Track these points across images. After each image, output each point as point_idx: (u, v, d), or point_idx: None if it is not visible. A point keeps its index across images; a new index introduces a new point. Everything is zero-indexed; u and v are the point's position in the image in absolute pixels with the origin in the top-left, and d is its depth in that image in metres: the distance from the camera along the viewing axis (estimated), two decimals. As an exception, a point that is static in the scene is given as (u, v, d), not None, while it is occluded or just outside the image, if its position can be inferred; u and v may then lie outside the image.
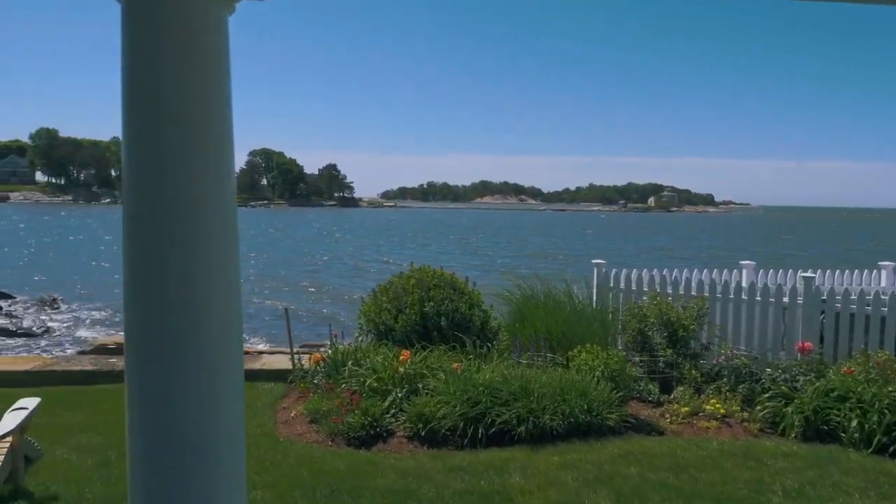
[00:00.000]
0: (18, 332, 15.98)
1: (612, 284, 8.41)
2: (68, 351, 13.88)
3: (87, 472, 4.87)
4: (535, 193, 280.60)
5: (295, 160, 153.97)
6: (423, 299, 6.84)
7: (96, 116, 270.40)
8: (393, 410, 5.86)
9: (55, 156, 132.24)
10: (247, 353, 11.57)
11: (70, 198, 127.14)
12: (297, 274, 29.21)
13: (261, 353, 11.88)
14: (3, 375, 7.35)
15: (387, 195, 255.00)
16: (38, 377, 7.42)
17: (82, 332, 16.30)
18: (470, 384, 5.76)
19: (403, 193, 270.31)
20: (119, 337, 13.60)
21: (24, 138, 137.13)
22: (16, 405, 4.71)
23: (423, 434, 5.55)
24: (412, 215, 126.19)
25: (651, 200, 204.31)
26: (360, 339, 7.37)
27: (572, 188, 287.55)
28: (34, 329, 16.31)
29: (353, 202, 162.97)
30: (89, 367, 7.60)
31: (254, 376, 7.64)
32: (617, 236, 65.79)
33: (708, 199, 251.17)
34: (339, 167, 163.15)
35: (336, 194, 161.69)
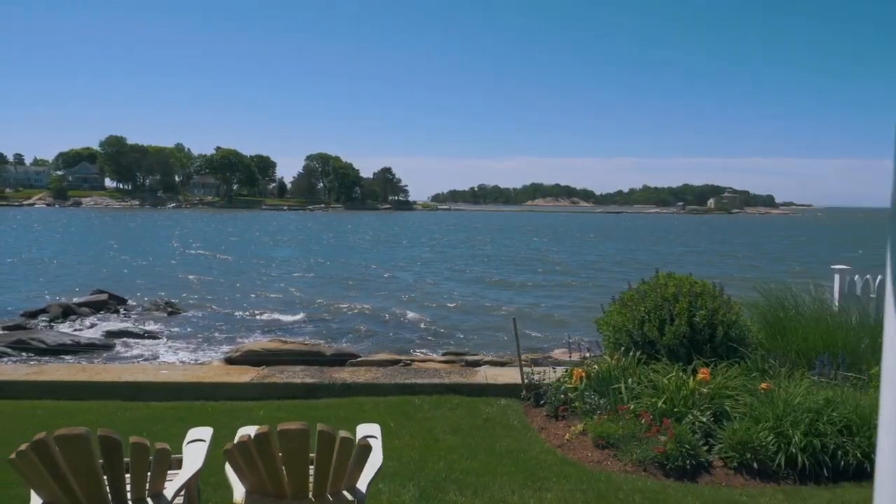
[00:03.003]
0: (144, 335, 15.95)
1: (859, 293, 7.57)
2: (213, 357, 13.70)
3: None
4: (587, 196, 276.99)
5: (351, 164, 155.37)
6: (691, 309, 6.15)
7: (161, 123, 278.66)
8: (697, 436, 5.20)
9: (123, 162, 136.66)
10: (454, 363, 11.06)
11: (137, 203, 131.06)
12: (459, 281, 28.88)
13: (475, 364, 11.37)
14: (229, 388, 6.99)
15: (437, 198, 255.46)
16: (257, 389, 7.02)
17: (206, 337, 16.13)
18: (789, 407, 5.05)
19: (454, 196, 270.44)
20: (267, 343, 13.32)
21: (95, 146, 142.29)
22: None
23: (751, 465, 4.87)
24: (472, 217, 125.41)
25: (710, 202, 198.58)
26: (607, 353, 6.73)
27: (625, 190, 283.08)
28: (158, 332, 16.27)
29: (407, 205, 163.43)
30: (309, 380, 7.16)
31: (480, 391, 7.11)
32: (697, 240, 63.03)
33: (768, 201, 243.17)
34: (392, 171, 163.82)
35: (391, 198, 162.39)
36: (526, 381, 7.01)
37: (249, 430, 3.13)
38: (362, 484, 3.30)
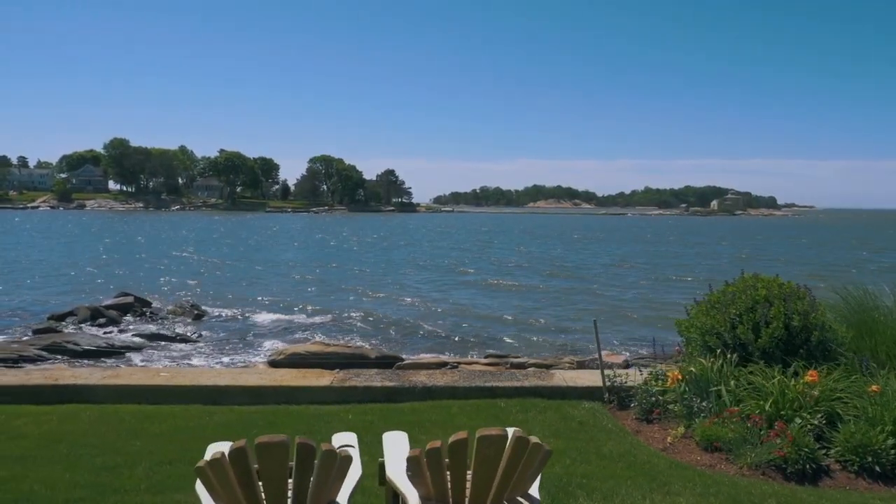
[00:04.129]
0: (177, 338, 15.85)
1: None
2: (254, 360, 13.62)
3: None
4: (588, 197, 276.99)
5: (354, 166, 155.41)
6: (786, 312, 6.09)
7: (165, 125, 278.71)
8: (809, 438, 5.13)
9: (126, 164, 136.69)
10: (497, 365, 10.98)
11: (141, 205, 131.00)
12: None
13: (519, 367, 11.28)
14: (309, 392, 6.91)
15: (439, 200, 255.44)
16: (337, 393, 6.94)
17: (237, 339, 16.03)
18: (906, 410, 4.98)
19: (456, 198, 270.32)
20: (310, 346, 13.24)
21: (98, 148, 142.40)
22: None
23: (872, 468, 4.81)
24: (478, 219, 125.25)
25: (714, 204, 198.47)
26: (690, 353, 6.66)
27: (627, 192, 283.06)
28: (189, 335, 16.17)
29: (410, 207, 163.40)
30: (388, 384, 7.08)
31: (561, 394, 7.04)
32: (712, 241, 62.50)
33: (771, 202, 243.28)
34: (395, 173, 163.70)
35: (394, 200, 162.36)
36: (607, 383, 6.94)
37: (405, 444, 3.07)
38: (534, 490, 3.24)
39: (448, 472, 2.97)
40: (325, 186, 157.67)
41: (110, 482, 4.54)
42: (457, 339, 15.83)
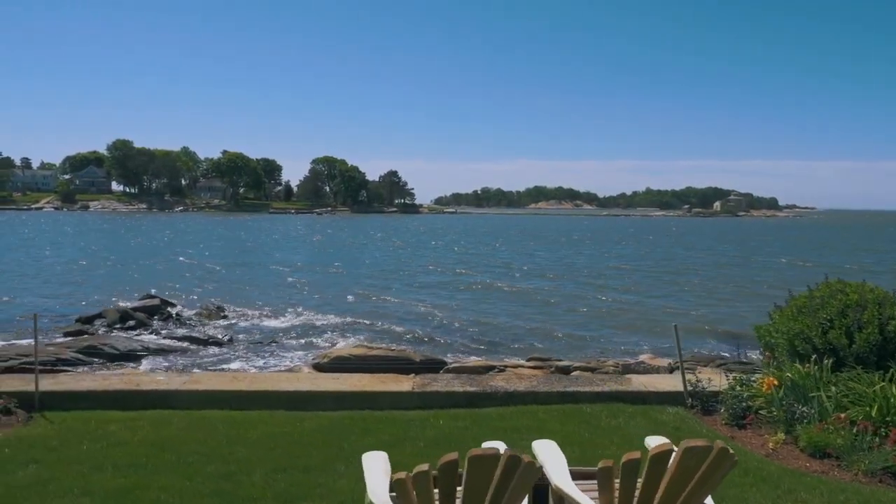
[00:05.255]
0: (209, 340, 15.80)
1: None
2: (288, 363, 13.58)
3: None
4: (590, 198, 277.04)
5: (357, 167, 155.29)
6: (880, 316, 6.07)
7: (168, 127, 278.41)
8: (918, 445, 5.10)
9: (130, 166, 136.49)
10: (542, 368, 10.94)
11: (144, 206, 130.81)
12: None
13: (565, 370, 11.24)
14: (390, 397, 6.88)
15: (440, 201, 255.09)
16: (419, 398, 6.91)
17: (270, 342, 15.96)
18: None
19: (457, 199, 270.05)
20: (353, 349, 13.20)
21: (101, 149, 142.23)
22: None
23: None
24: (481, 221, 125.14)
25: (716, 205, 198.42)
26: (773, 359, 6.64)
27: (628, 193, 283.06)
28: (220, 338, 16.12)
29: (413, 208, 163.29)
30: (470, 388, 7.05)
31: (642, 399, 7.01)
32: (730, 244, 62.09)
33: (772, 203, 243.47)
34: (398, 174, 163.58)
35: (397, 201, 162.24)
36: (688, 388, 6.92)
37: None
38: (709, 500, 3.22)
39: (617, 483, 2.97)
40: (328, 187, 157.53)
41: (234, 490, 4.51)
42: (487, 341, 15.83)
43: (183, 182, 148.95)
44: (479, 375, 8.40)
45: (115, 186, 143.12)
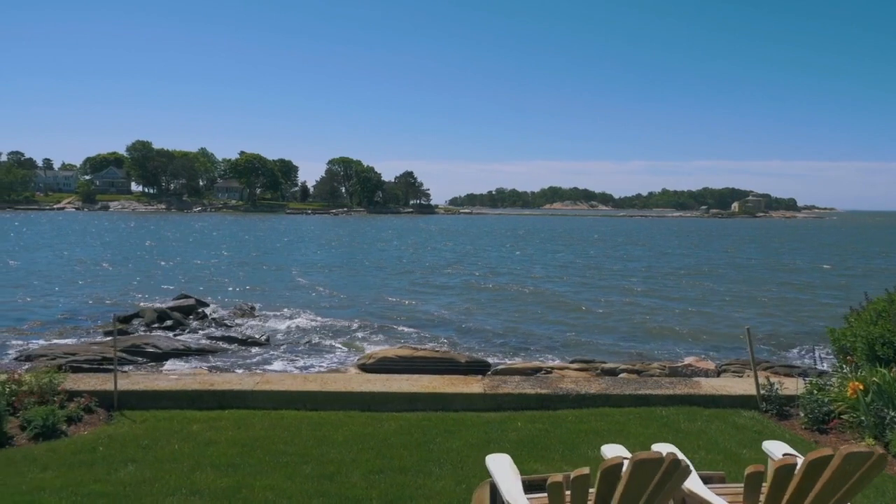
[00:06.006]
0: (248, 340, 15.88)
1: None
2: (346, 364, 13.61)
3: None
4: (605, 199, 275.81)
5: (373, 168, 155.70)
6: (966, 321, 6.00)
7: (186, 128, 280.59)
8: None
9: (149, 167, 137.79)
10: (587, 370, 10.91)
11: (163, 206, 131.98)
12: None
13: (611, 372, 11.21)
14: (462, 398, 6.88)
15: (455, 202, 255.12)
16: (491, 400, 6.91)
17: (306, 342, 16.00)
18: None
19: (472, 200, 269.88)
20: (398, 349, 13.24)
21: (120, 150, 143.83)
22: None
23: None
24: (498, 221, 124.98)
25: (734, 206, 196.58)
26: (853, 363, 6.57)
27: (644, 193, 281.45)
28: (258, 338, 16.19)
29: (429, 209, 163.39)
30: (541, 391, 7.04)
31: (714, 402, 6.96)
32: (774, 247, 61.13)
33: (791, 204, 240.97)
34: (414, 174, 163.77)
35: (412, 201, 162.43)
36: (762, 392, 6.87)
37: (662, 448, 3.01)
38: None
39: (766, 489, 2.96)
40: (343, 188, 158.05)
41: (338, 491, 4.54)
42: (517, 343, 15.80)
43: (201, 183, 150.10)
44: (545, 377, 8.37)
45: (134, 187, 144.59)
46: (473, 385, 7.25)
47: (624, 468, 2.75)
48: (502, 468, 3.53)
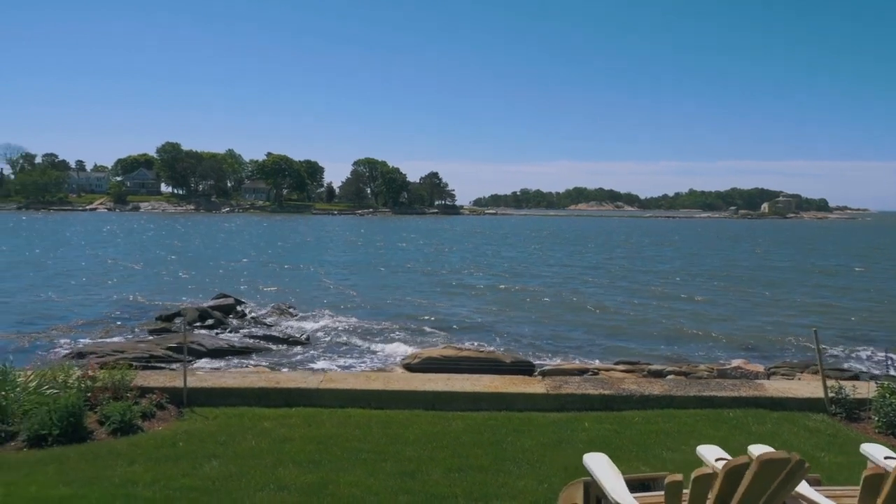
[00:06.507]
0: (289, 339, 16.02)
1: None
2: (388, 363, 13.69)
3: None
4: (631, 200, 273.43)
5: (398, 169, 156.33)
6: None
7: (213, 129, 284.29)
8: None
9: (178, 168, 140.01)
10: (633, 372, 10.85)
11: (192, 207, 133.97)
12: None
13: (658, 374, 11.14)
14: (524, 398, 6.89)
15: (479, 202, 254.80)
16: (554, 400, 6.91)
17: (345, 343, 16.08)
18: None
19: (496, 201, 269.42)
20: (443, 350, 13.28)
21: (149, 151, 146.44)
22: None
23: None
24: (526, 222, 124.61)
25: (764, 206, 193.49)
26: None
27: (671, 194, 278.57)
28: (298, 337, 16.31)
29: (454, 210, 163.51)
30: (605, 391, 7.02)
31: (781, 405, 6.89)
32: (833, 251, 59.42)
33: (822, 205, 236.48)
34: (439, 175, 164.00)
35: (437, 202, 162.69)
36: (831, 395, 6.77)
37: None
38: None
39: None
40: (369, 189, 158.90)
41: (422, 489, 4.58)
42: (555, 344, 15.73)
43: (228, 184, 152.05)
44: (605, 378, 8.35)
45: (163, 188, 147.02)
46: (535, 385, 7.26)
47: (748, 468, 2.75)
48: (603, 467, 3.53)
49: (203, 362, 13.73)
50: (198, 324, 17.57)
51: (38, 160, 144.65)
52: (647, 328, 17.76)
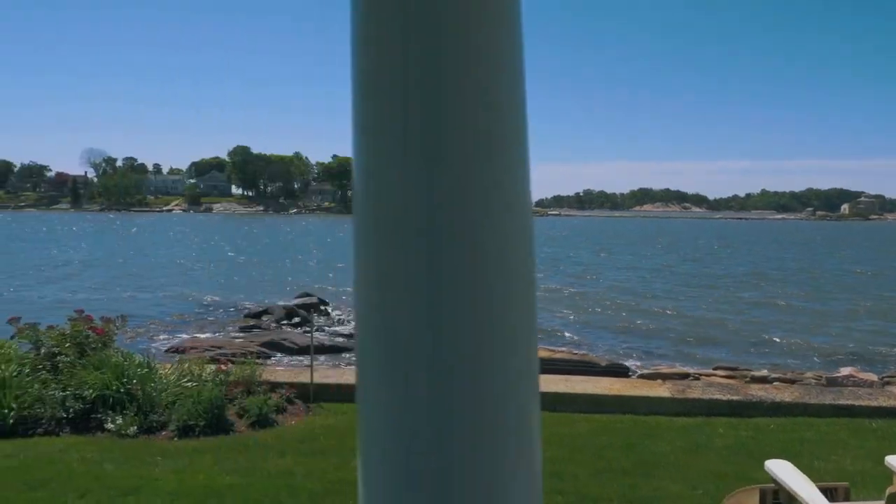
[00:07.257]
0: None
1: None
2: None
3: None
4: (699, 201, 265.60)
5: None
6: None
7: (281, 132, 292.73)
8: None
9: (248, 171, 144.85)
10: (734, 378, 10.53)
11: (261, 208, 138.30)
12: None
13: (762, 380, 10.81)
14: (648, 402, 6.80)
15: (541, 204, 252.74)
16: (679, 404, 6.77)
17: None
18: None
19: (559, 202, 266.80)
20: (557, 352, 13.20)
21: (223, 155, 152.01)
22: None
23: None
24: (590, 223, 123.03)
25: (844, 208, 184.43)
26: None
27: (741, 195, 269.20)
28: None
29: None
30: (732, 397, 6.85)
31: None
32: None
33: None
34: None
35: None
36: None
37: None
38: None
39: None
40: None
41: (574, 489, 4.58)
42: (630, 346, 15.37)
43: (295, 185, 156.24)
44: (733, 381, 8.14)
45: (234, 189, 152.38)
46: (659, 389, 7.14)
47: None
48: (791, 474, 3.43)
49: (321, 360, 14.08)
50: (284, 322, 18.06)
51: (119, 163, 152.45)
52: (726, 333, 17.16)
